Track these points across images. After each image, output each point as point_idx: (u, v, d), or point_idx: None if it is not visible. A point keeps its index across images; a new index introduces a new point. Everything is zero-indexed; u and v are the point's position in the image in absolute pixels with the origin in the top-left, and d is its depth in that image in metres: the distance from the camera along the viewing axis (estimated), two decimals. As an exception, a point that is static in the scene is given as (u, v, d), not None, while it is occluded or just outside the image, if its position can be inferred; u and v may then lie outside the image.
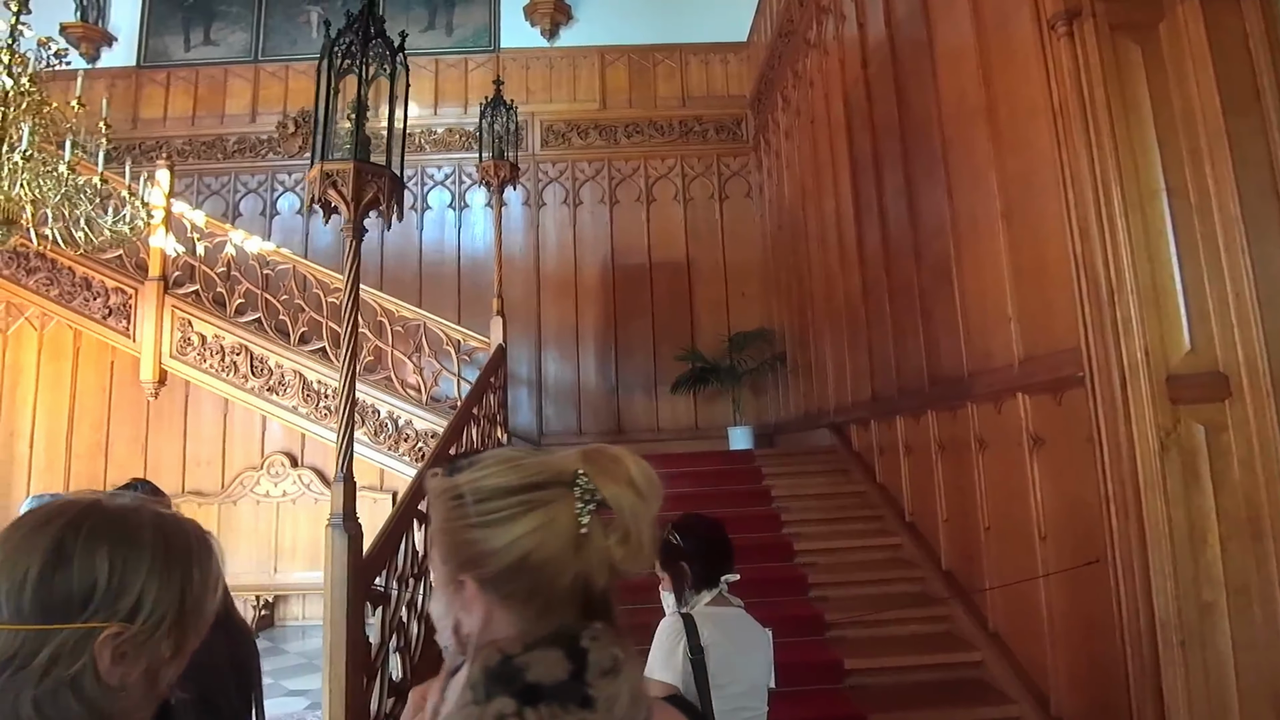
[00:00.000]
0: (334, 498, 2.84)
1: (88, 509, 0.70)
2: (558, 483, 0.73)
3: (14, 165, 4.16)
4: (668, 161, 7.98)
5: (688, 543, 1.93)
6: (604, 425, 7.53)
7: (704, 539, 1.96)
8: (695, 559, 1.92)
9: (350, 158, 3.01)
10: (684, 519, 2.00)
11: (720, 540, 1.99)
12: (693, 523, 1.98)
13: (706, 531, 1.98)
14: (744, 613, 1.97)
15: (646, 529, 0.75)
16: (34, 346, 7.59)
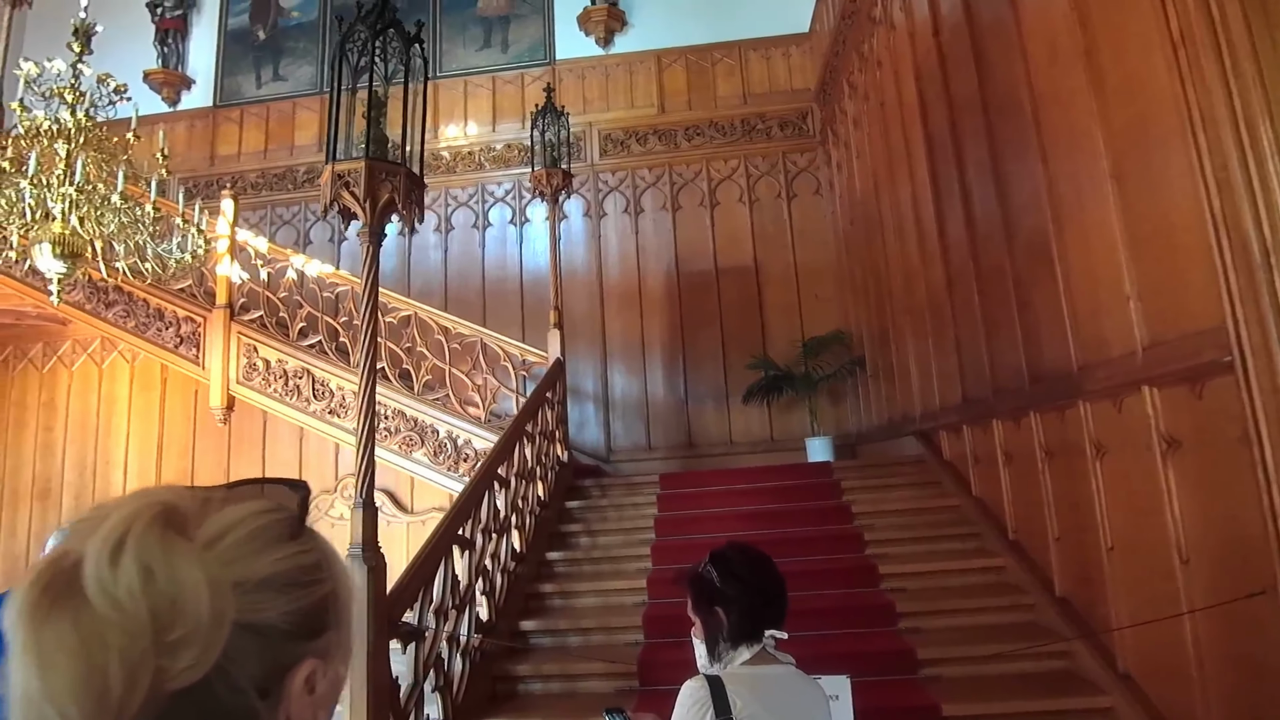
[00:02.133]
0: (353, 525, 2.63)
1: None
2: None
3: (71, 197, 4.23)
4: (731, 163, 7.62)
5: (727, 583, 1.54)
6: (673, 440, 7.20)
7: (747, 580, 1.55)
8: (733, 605, 1.53)
9: (363, 156, 2.81)
10: (725, 549, 1.63)
11: (768, 582, 1.58)
12: (734, 556, 1.60)
13: (751, 570, 1.58)
14: (795, 672, 1.57)
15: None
16: (126, 378, 7.88)
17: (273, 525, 0.54)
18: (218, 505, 0.53)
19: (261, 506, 0.55)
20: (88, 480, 7.70)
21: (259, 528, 0.52)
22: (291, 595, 0.52)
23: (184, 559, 0.47)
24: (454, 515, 3.35)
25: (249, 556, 0.51)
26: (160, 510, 0.49)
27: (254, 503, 0.55)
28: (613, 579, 4.21)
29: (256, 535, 0.52)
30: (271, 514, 0.54)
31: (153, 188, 4.50)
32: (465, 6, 8.40)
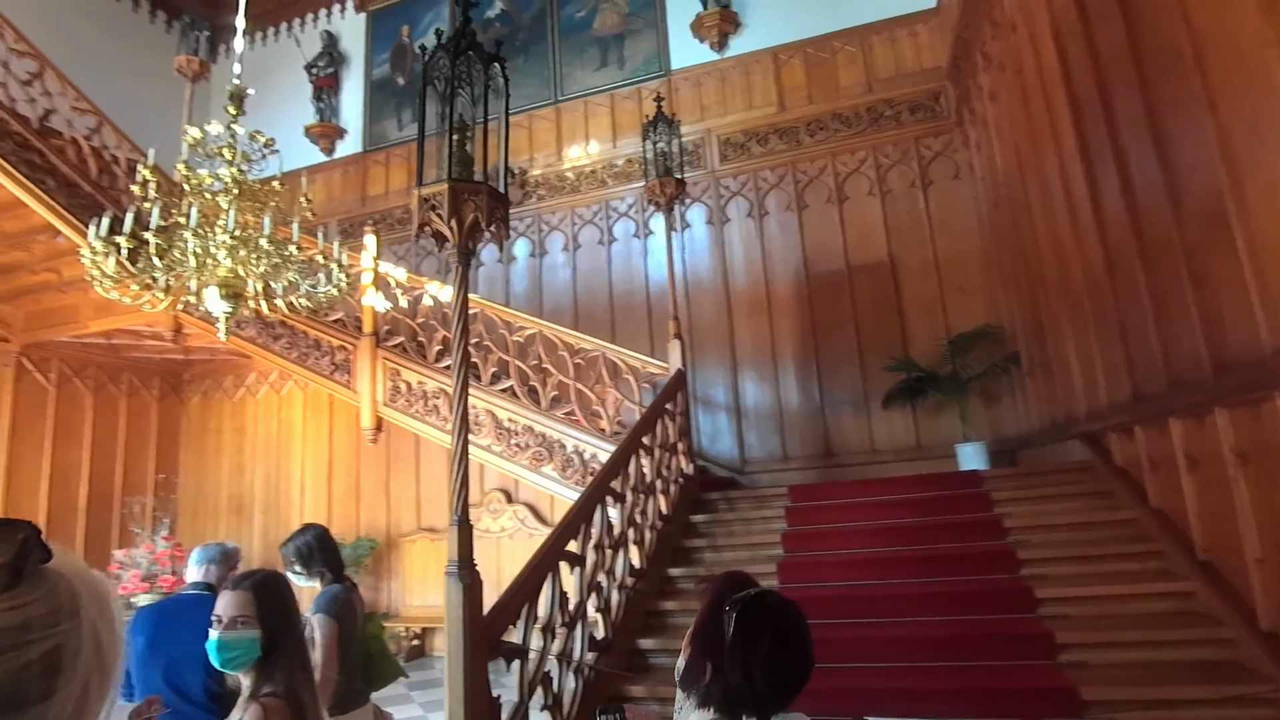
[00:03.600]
0: (450, 542, 2.64)
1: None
2: None
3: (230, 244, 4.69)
4: (858, 154, 7.21)
5: (739, 652, 1.20)
6: (811, 449, 6.86)
7: (766, 668, 1.20)
8: (728, 678, 1.22)
9: (446, 179, 2.86)
10: (766, 604, 1.27)
11: (792, 674, 1.23)
12: (763, 626, 1.23)
13: (778, 630, 1.23)
14: None
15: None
16: (300, 404, 8.73)
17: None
18: None
19: None
20: (272, 496, 8.57)
21: None
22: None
23: None
24: (560, 531, 3.33)
25: None
26: None
27: None
28: (735, 597, 4.01)
29: None
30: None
31: (295, 230, 4.90)
32: (581, 29, 8.59)
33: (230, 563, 2.93)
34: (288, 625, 1.69)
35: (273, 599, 1.71)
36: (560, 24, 8.73)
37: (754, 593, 1.27)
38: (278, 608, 1.70)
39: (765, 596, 1.28)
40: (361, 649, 2.87)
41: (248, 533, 8.40)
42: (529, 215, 8.47)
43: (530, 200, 8.49)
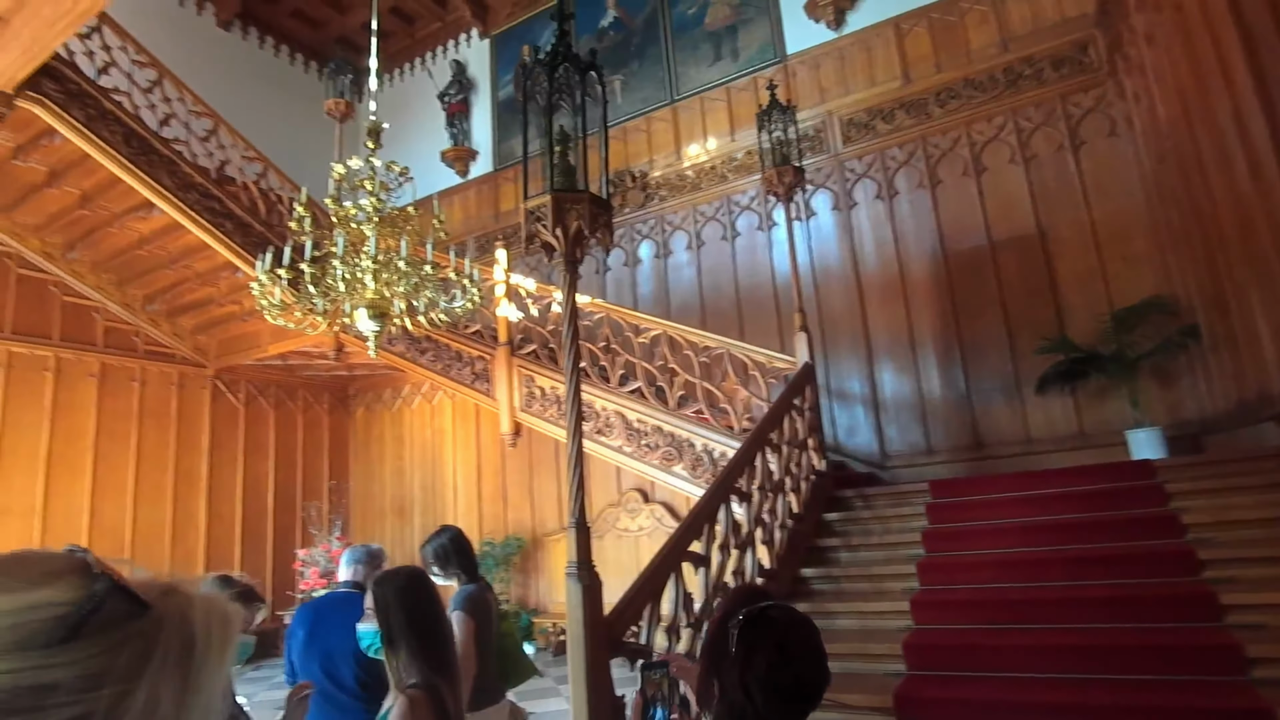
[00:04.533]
0: (569, 544, 2.70)
1: None
2: None
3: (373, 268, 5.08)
4: (995, 121, 6.67)
5: (740, 669, 1.16)
6: (957, 440, 6.43)
7: (772, 685, 1.14)
8: (739, 684, 1.17)
9: (548, 190, 2.93)
10: (771, 618, 1.22)
11: (794, 669, 1.17)
12: (768, 640, 1.18)
13: (779, 646, 1.18)
14: None
15: None
16: (450, 413, 9.32)
17: (20, 626, 0.45)
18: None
19: (15, 603, 0.45)
20: (429, 498, 9.20)
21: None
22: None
23: None
24: (683, 531, 3.32)
25: None
26: None
27: (25, 593, 0.46)
28: (873, 600, 3.84)
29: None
30: (30, 610, 0.45)
31: (429, 250, 5.23)
32: (693, 26, 8.55)
33: (375, 563, 3.17)
34: (404, 620, 1.82)
35: (387, 596, 1.85)
36: (672, 23, 8.74)
37: (758, 608, 1.21)
38: (392, 604, 1.84)
39: (768, 611, 1.22)
40: (497, 647, 3.00)
41: (409, 532, 9.08)
42: (651, 217, 8.55)
43: (653, 202, 8.56)
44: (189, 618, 0.51)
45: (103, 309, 7.64)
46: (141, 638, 0.48)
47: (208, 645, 0.51)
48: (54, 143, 6.14)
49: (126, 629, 0.48)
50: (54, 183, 6.62)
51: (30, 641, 0.44)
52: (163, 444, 7.84)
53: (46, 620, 0.45)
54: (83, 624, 0.46)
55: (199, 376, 8.30)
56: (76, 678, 0.45)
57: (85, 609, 0.47)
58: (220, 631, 0.53)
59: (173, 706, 0.48)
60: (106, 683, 0.46)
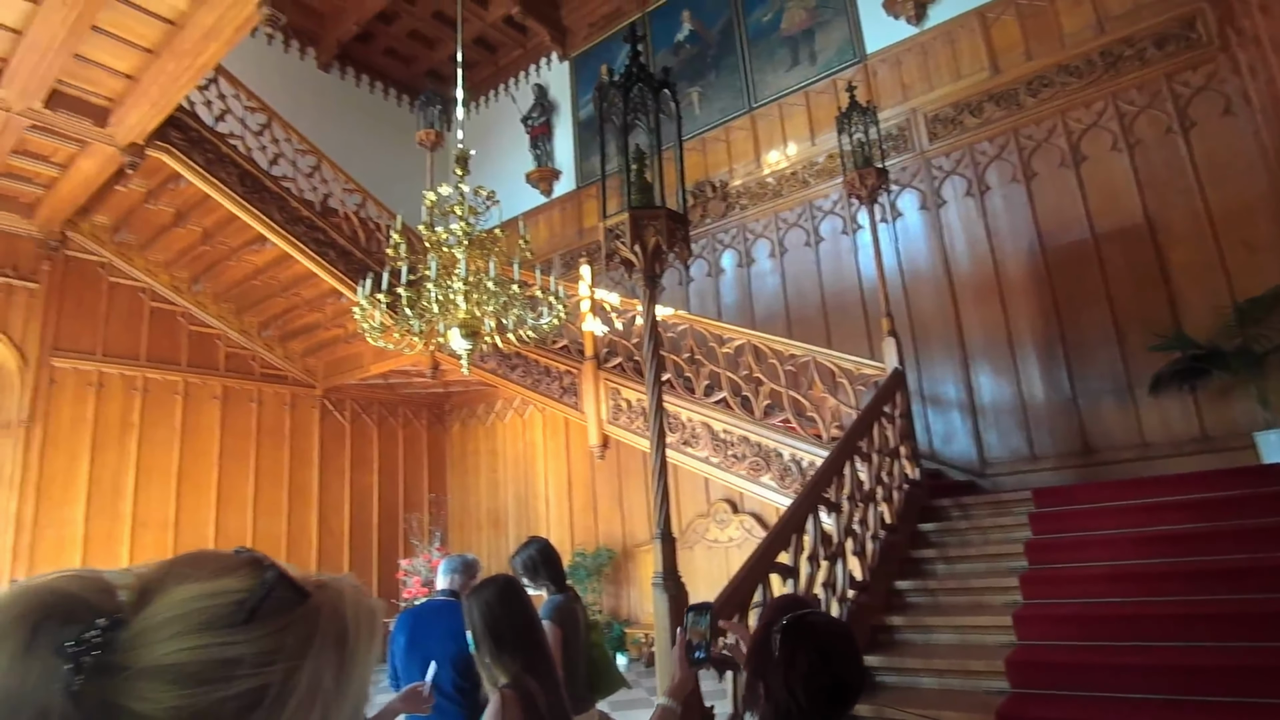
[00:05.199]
0: (654, 555, 2.74)
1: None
2: None
3: (464, 290, 5.30)
4: (1094, 107, 6.31)
5: (783, 669, 1.27)
6: (1064, 446, 6.08)
7: (817, 680, 1.25)
8: (783, 684, 1.26)
9: (626, 208, 2.99)
10: (801, 620, 1.33)
11: (832, 670, 1.28)
12: (805, 628, 1.31)
13: (819, 649, 1.28)
14: None
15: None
16: (540, 426, 9.56)
17: (206, 609, 0.51)
18: (174, 583, 0.52)
19: (206, 589, 0.52)
20: (522, 510, 9.45)
21: (185, 613, 0.50)
22: (186, 689, 0.49)
23: (4, 652, 0.47)
24: (770, 542, 3.30)
25: (157, 642, 0.49)
26: (20, 600, 0.50)
27: (208, 582, 0.52)
28: (972, 614, 3.68)
29: (178, 619, 0.50)
30: (213, 596, 0.52)
31: (515, 270, 5.40)
32: (769, 32, 8.52)
33: (470, 572, 3.30)
34: (497, 624, 1.92)
35: (481, 603, 1.96)
36: (747, 32, 8.73)
37: (799, 614, 1.32)
38: (486, 610, 1.95)
39: (808, 617, 1.34)
40: (586, 657, 3.07)
41: (504, 543, 9.34)
42: (733, 226, 8.53)
43: (734, 211, 8.55)
44: (341, 607, 0.58)
45: (224, 336, 8.28)
46: (304, 622, 0.55)
47: (358, 631, 0.58)
48: (179, 186, 6.73)
49: (292, 614, 0.54)
50: (180, 222, 7.25)
51: (216, 622, 0.51)
52: (278, 460, 8.40)
53: (228, 604, 0.52)
54: (258, 608, 0.53)
55: (309, 396, 8.85)
56: (255, 654, 0.51)
57: (259, 595, 0.53)
58: (367, 621, 0.59)
59: (333, 682, 0.54)
60: (279, 659, 0.52)
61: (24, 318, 6.89)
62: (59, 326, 7.10)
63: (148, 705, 0.47)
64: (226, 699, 0.49)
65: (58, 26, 4.69)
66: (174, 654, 0.49)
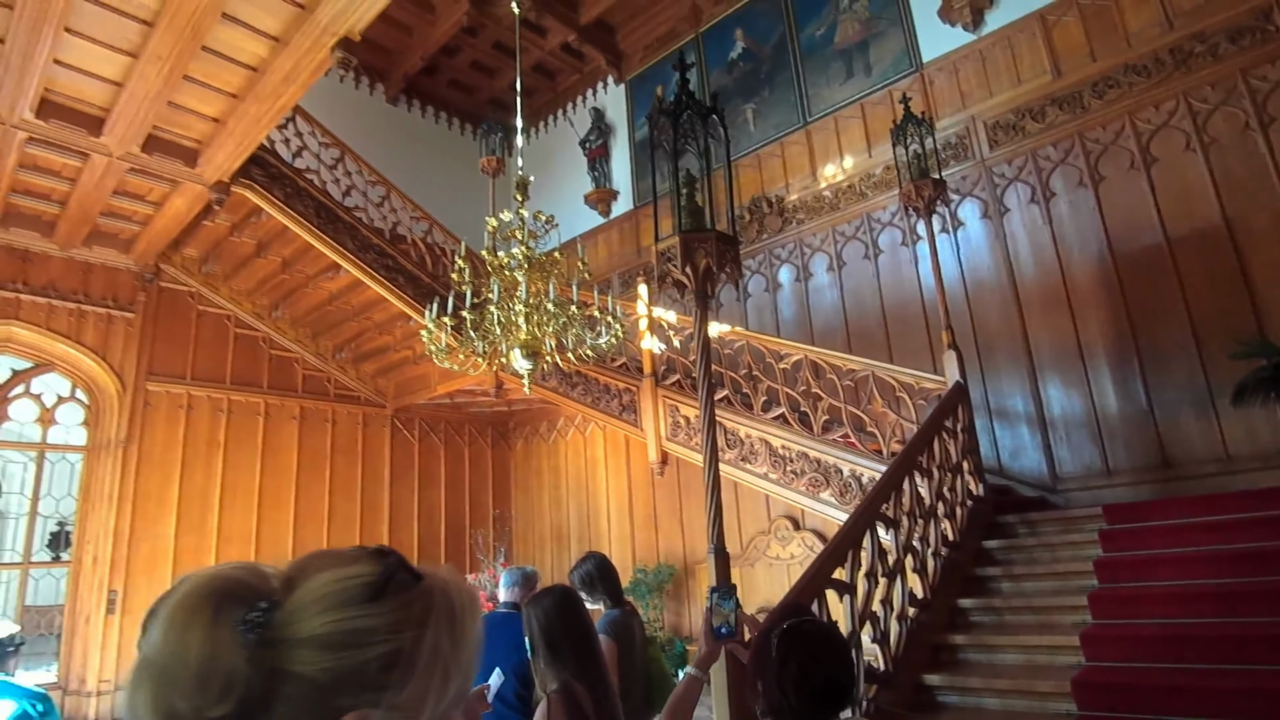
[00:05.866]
0: (708, 569, 2.78)
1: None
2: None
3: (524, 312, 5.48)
4: (1165, 106, 6.09)
5: (777, 670, 1.40)
6: (1140, 460, 5.83)
7: (808, 680, 1.37)
8: (777, 684, 1.39)
9: (676, 232, 3.07)
10: (796, 627, 1.46)
11: (821, 672, 1.40)
12: (797, 634, 1.44)
13: (810, 653, 1.40)
14: None
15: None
16: (601, 443, 9.68)
17: (345, 590, 0.62)
18: (312, 571, 0.63)
19: (340, 574, 0.63)
20: (584, 526, 9.57)
21: (327, 593, 0.61)
22: (336, 653, 0.59)
23: (197, 626, 0.58)
24: (826, 558, 3.30)
25: (308, 618, 0.60)
26: (205, 586, 0.61)
27: (340, 569, 0.64)
28: (1038, 633, 3.58)
29: (323, 598, 0.61)
30: (351, 578, 0.63)
31: (574, 291, 5.55)
32: (823, 46, 8.52)
33: (530, 584, 3.42)
34: (544, 632, 2.03)
35: (530, 613, 2.09)
36: (801, 46, 8.75)
37: (795, 621, 1.44)
38: (534, 620, 2.06)
39: (803, 625, 1.45)
40: (642, 671, 3.13)
41: (566, 558, 9.46)
42: (790, 241, 8.52)
43: (790, 226, 8.54)
44: (448, 588, 0.68)
45: (301, 359, 8.72)
46: (422, 598, 0.65)
47: (464, 607, 0.69)
48: (261, 219, 7.17)
49: (411, 592, 0.65)
50: (261, 253, 7.70)
51: (351, 600, 0.61)
52: (350, 477, 8.77)
53: (359, 585, 0.62)
54: (385, 587, 0.63)
55: (380, 416, 9.22)
56: (386, 624, 0.62)
57: (384, 576, 0.64)
58: (471, 599, 0.70)
59: (450, 648, 0.65)
60: (406, 628, 0.63)
61: (122, 345, 7.43)
62: (153, 353, 7.62)
63: (306, 668, 0.58)
64: (368, 660, 0.60)
65: (154, 78, 5.11)
66: (320, 627, 0.60)
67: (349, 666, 0.59)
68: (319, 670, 0.58)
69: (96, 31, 4.76)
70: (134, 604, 6.95)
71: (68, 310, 7.18)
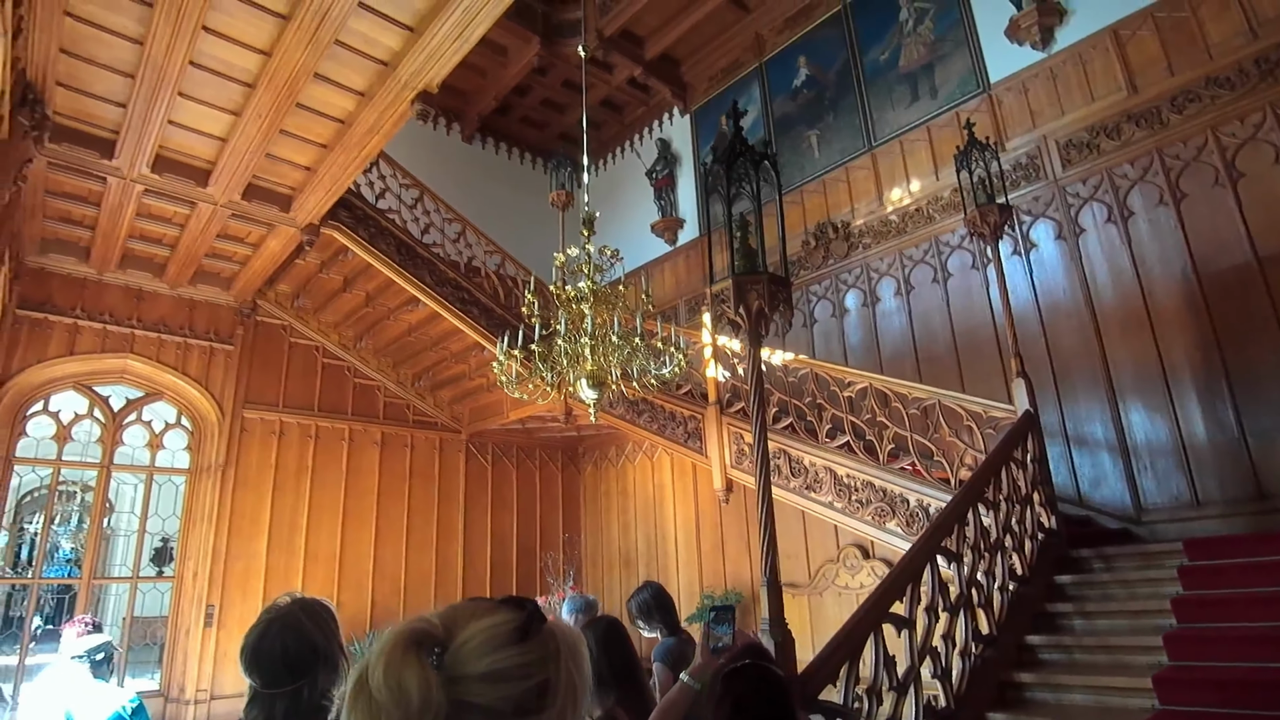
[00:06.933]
0: (763, 601, 2.84)
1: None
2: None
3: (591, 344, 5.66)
4: (1250, 119, 5.83)
5: (714, 704, 1.48)
6: (1233, 491, 5.52)
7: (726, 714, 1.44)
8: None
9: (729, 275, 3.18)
10: (739, 670, 1.53)
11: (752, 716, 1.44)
12: (737, 676, 1.49)
13: (743, 696, 1.46)
14: None
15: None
16: (669, 469, 9.77)
17: (499, 634, 0.76)
18: (466, 620, 0.78)
19: (491, 621, 0.77)
20: (652, 551, 9.64)
21: (487, 638, 0.76)
22: (505, 685, 0.74)
23: (409, 668, 0.73)
24: (883, 591, 3.29)
25: (475, 659, 0.74)
26: (405, 636, 0.76)
27: (490, 617, 0.78)
28: (1110, 674, 3.46)
29: (484, 643, 0.75)
30: (500, 624, 0.77)
31: (638, 323, 5.71)
32: (887, 70, 8.50)
33: (591, 612, 3.55)
34: (598, 661, 2.14)
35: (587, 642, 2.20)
36: (865, 71, 8.76)
37: (740, 664, 1.52)
38: (591, 648, 2.18)
39: (745, 669, 1.52)
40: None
41: (634, 583, 9.48)
42: (856, 266, 8.48)
43: (856, 251, 8.50)
44: (566, 629, 0.84)
45: (383, 387, 9.18)
46: (552, 638, 0.80)
47: (579, 644, 0.83)
48: (347, 257, 7.66)
49: (545, 633, 0.79)
50: (347, 288, 8.20)
51: (506, 642, 0.76)
52: (427, 500, 9.14)
53: (510, 629, 0.77)
54: (529, 630, 0.78)
55: (455, 441, 9.59)
56: (534, 660, 0.76)
57: (526, 621, 0.79)
58: (580, 639, 0.85)
59: (578, 678, 0.80)
60: (550, 662, 0.77)
61: (222, 375, 8.03)
62: (249, 382, 8.20)
63: (483, 699, 0.73)
64: (529, 689, 0.75)
65: (254, 133, 5.59)
66: (487, 665, 0.74)
67: (515, 694, 0.74)
68: (496, 699, 0.73)
69: (205, 94, 5.26)
70: (229, 618, 7.43)
71: (175, 344, 7.82)
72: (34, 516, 13.15)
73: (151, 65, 4.84)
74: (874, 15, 8.74)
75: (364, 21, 4.66)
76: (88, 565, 7.47)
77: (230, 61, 4.95)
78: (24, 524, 13.22)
